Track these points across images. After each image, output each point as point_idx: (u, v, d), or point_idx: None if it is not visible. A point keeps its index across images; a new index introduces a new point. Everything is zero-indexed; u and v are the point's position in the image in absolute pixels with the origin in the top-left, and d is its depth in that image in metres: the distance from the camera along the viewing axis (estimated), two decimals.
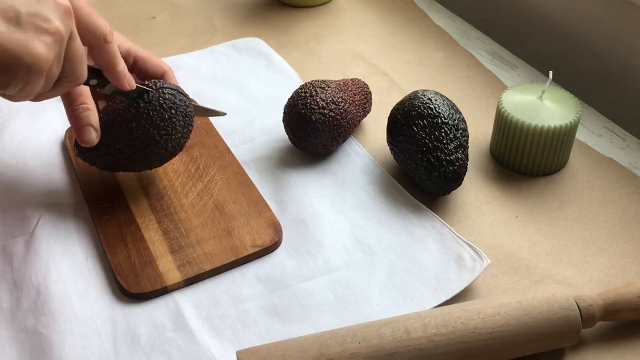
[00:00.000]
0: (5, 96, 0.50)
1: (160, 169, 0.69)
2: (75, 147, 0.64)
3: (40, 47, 0.47)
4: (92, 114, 0.60)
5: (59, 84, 0.52)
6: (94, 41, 0.54)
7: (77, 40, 0.51)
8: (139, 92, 0.61)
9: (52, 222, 0.64)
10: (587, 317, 0.52)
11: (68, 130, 0.74)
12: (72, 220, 0.65)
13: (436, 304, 0.57)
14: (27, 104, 0.78)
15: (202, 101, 0.79)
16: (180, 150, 0.65)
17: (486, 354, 0.51)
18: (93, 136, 0.60)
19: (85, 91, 0.61)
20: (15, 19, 0.46)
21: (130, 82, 0.58)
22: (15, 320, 0.56)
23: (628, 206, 0.66)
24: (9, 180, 0.68)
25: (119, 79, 0.57)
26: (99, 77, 0.58)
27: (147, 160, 0.63)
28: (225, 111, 0.70)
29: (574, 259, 0.61)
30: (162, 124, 0.61)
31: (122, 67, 0.57)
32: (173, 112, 0.62)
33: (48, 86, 0.51)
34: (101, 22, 0.54)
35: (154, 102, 0.61)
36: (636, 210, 0.66)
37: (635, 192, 0.68)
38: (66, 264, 0.60)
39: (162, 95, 0.62)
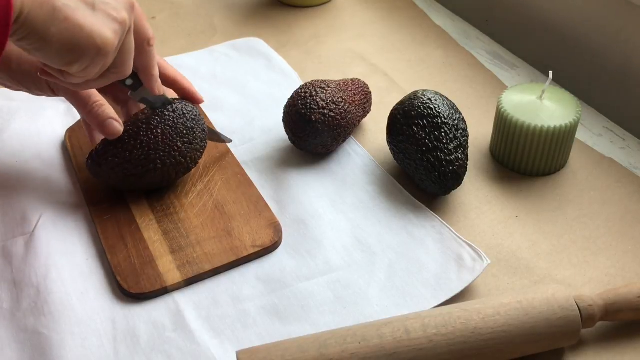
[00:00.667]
0: (63, 75, 0.53)
1: None
2: (88, 160, 0.64)
3: (109, 32, 0.51)
4: (109, 107, 0.63)
5: (106, 75, 0.55)
6: (139, 42, 0.57)
7: (132, 36, 0.55)
8: (163, 103, 0.64)
9: (52, 222, 0.64)
10: (587, 317, 0.52)
11: (68, 131, 0.74)
12: (72, 220, 0.65)
13: (436, 304, 0.57)
14: (26, 104, 0.78)
15: None
16: (195, 165, 0.66)
17: (486, 354, 0.51)
18: (117, 126, 0.62)
19: (94, 90, 0.63)
20: (92, 4, 0.50)
21: (160, 88, 0.62)
22: (15, 320, 0.56)
23: (628, 206, 0.66)
24: (9, 180, 0.68)
25: (151, 82, 0.61)
26: (134, 78, 0.60)
27: (167, 169, 0.63)
28: (231, 138, 0.73)
29: (574, 259, 0.61)
30: (185, 131, 0.64)
31: (157, 72, 0.61)
32: (195, 122, 0.65)
33: (99, 73, 0.53)
34: (148, 25, 0.57)
35: (178, 112, 0.64)
36: (636, 210, 0.66)
37: (635, 192, 0.68)
38: (66, 264, 0.60)
39: (185, 107, 0.64)
